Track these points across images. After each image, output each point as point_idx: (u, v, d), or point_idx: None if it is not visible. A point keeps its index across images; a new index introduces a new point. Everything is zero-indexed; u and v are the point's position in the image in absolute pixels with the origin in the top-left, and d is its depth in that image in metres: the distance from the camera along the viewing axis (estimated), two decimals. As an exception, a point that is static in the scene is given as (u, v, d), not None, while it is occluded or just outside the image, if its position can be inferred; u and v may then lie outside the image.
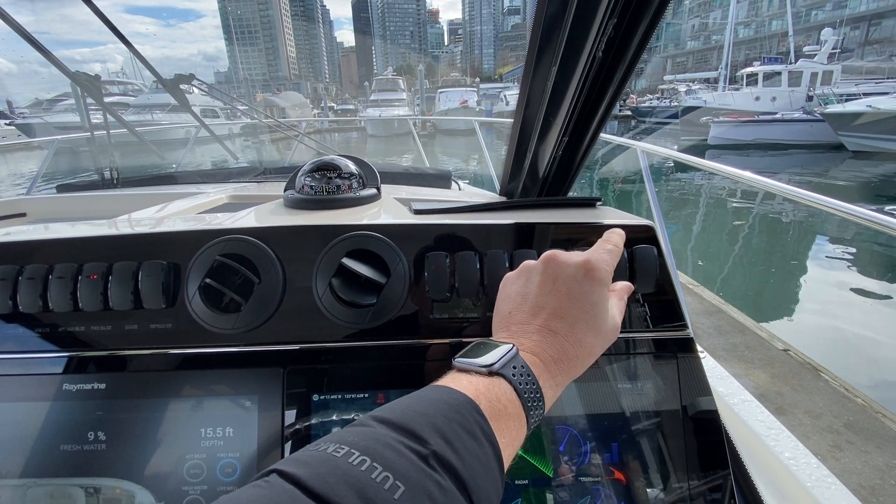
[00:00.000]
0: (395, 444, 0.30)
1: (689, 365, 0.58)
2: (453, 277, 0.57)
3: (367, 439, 0.31)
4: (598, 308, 0.45)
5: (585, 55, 0.57)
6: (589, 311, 0.45)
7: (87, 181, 1.59)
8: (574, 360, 0.43)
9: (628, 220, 0.64)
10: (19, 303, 0.56)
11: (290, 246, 0.59)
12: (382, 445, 0.30)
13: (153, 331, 0.56)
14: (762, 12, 63.47)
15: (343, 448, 0.29)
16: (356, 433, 0.32)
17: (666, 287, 0.60)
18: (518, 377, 0.39)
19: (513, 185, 0.94)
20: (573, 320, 0.44)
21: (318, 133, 15.75)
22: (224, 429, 0.53)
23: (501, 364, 0.39)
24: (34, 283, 0.56)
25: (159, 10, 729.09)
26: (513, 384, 0.38)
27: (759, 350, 3.08)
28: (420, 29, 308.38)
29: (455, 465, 0.31)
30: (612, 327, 0.46)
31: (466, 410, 0.34)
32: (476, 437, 0.33)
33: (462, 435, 0.33)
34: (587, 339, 0.44)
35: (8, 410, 0.54)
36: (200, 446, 0.53)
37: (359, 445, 0.29)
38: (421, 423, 0.32)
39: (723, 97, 23.21)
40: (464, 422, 0.33)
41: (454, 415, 0.34)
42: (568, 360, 0.43)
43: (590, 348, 0.44)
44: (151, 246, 0.59)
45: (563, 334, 0.43)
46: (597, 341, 0.45)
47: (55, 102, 29.13)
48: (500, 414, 0.36)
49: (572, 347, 0.43)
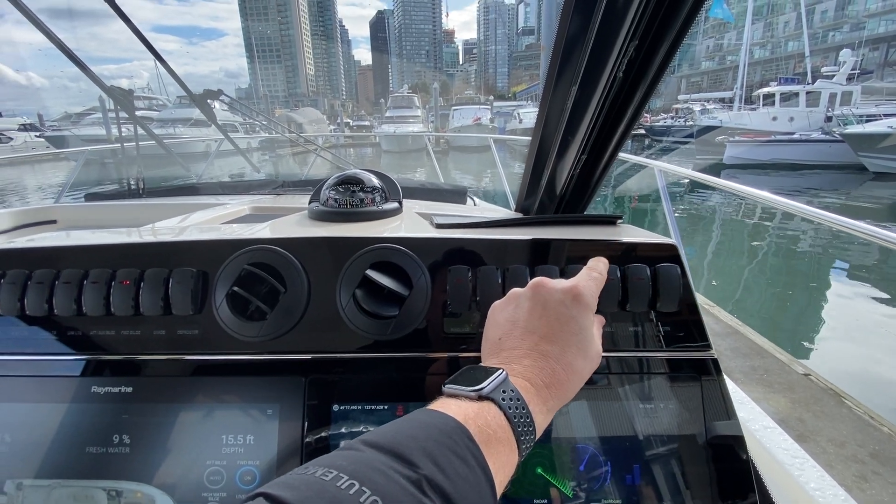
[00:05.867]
0: (384, 468, 0.30)
1: (713, 387, 0.57)
2: (474, 291, 0.58)
3: (356, 463, 0.30)
4: (587, 332, 0.46)
5: (606, 76, 0.58)
6: (578, 334, 0.46)
7: (114, 191, 1.65)
8: (565, 384, 0.43)
9: (650, 239, 0.64)
10: (55, 306, 0.58)
11: (315, 257, 0.60)
12: (372, 470, 0.29)
13: (180, 336, 0.58)
14: (778, 34, 63.44)
15: (332, 472, 0.29)
16: (345, 457, 0.31)
17: (689, 306, 0.60)
18: (508, 402, 0.38)
19: (529, 201, 0.94)
20: (564, 344, 0.45)
21: (333, 148, 16.04)
22: (245, 436, 0.54)
23: (491, 388, 0.39)
24: (69, 288, 0.58)
25: (184, 28, 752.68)
26: (503, 409, 0.38)
27: (778, 374, 2.99)
28: (435, 48, 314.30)
29: (447, 490, 0.30)
30: (596, 352, 0.47)
31: (457, 435, 0.34)
32: (467, 462, 0.33)
33: (453, 460, 0.32)
34: (577, 362, 0.45)
35: (38, 411, 0.55)
36: (221, 453, 0.53)
37: (347, 469, 0.29)
38: (411, 448, 0.32)
39: (739, 117, 23.08)
40: (454, 447, 0.33)
41: (445, 439, 0.33)
42: (559, 384, 0.43)
43: (580, 372, 0.45)
44: (181, 254, 0.61)
45: (555, 358, 0.44)
46: (586, 365, 0.46)
47: (83, 116, 30.20)
48: (491, 439, 0.36)
49: (563, 371, 0.43)
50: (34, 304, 0.58)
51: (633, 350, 0.58)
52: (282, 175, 2.06)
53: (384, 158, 23.80)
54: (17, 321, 0.59)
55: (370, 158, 23.78)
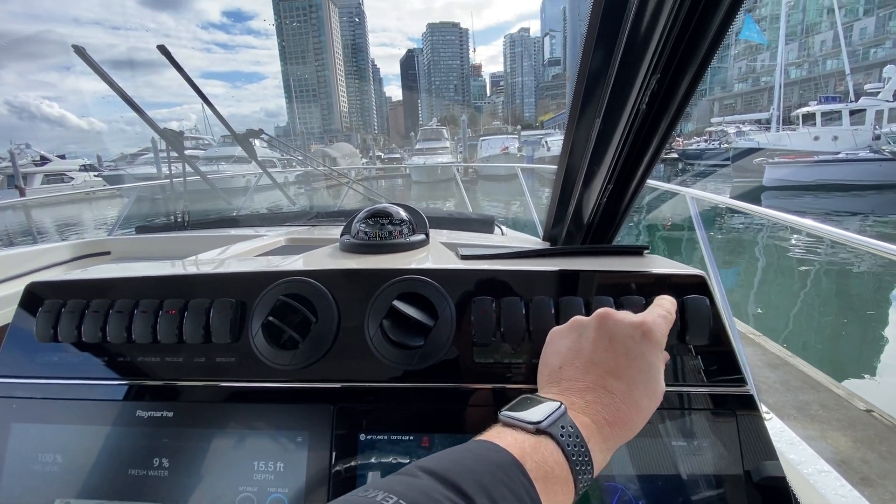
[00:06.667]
0: (441, 498, 0.30)
1: (750, 424, 0.54)
2: (499, 322, 0.58)
3: (415, 491, 0.31)
4: (655, 370, 0.45)
5: (629, 109, 0.59)
6: (646, 371, 0.44)
7: (161, 224, 1.76)
8: (629, 424, 0.42)
9: (677, 270, 0.63)
10: (108, 334, 0.62)
11: (345, 288, 0.62)
12: (430, 499, 0.30)
13: (219, 364, 0.60)
14: (814, 52, 61.84)
15: (392, 498, 0.29)
16: (404, 483, 0.32)
17: (721, 339, 0.57)
18: (566, 438, 0.37)
19: (556, 230, 0.94)
20: (631, 381, 0.43)
21: (365, 180, 16.55)
22: (275, 463, 0.55)
23: (549, 422, 0.38)
24: (122, 317, 0.62)
25: (229, 73, 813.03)
26: (560, 445, 0.37)
27: (836, 410, 2.76)
28: (463, 82, 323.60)
29: None
30: (661, 390, 0.46)
31: (512, 471, 0.34)
32: (521, 499, 0.33)
33: (507, 496, 0.32)
34: (643, 401, 0.43)
35: (87, 433, 0.58)
36: (252, 479, 0.54)
37: (406, 496, 0.30)
38: (468, 480, 0.32)
39: (777, 138, 22.34)
40: (510, 483, 0.33)
41: (500, 474, 0.33)
42: (623, 423, 0.41)
43: (645, 411, 0.43)
44: (222, 284, 0.65)
45: (621, 395, 0.42)
46: (651, 403, 0.44)
47: (136, 156, 32.59)
48: (547, 476, 0.35)
49: (629, 410, 0.42)
50: (90, 332, 0.62)
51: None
52: (316, 207, 2.15)
53: (414, 189, 24.29)
54: (72, 347, 0.64)
55: (401, 189, 24.34)
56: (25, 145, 28.57)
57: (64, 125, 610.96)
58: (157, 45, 1.33)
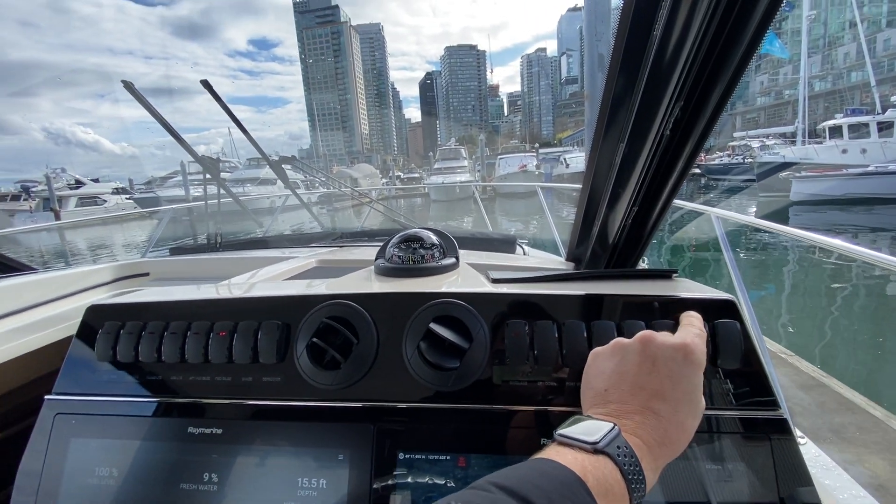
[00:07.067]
0: None
1: (784, 449, 0.54)
2: (532, 345, 0.59)
3: None
4: (698, 392, 0.46)
5: (653, 135, 0.61)
6: (691, 393, 0.46)
7: (195, 245, 1.84)
8: (675, 444, 0.43)
9: (707, 294, 0.63)
10: (163, 353, 0.66)
11: (383, 310, 0.65)
12: None
13: (265, 383, 0.63)
14: (838, 65, 60.64)
15: None
16: (480, 497, 0.34)
17: (752, 362, 0.57)
18: (623, 458, 0.39)
19: (580, 250, 0.95)
20: (676, 403, 0.45)
21: (385, 200, 16.81)
22: (318, 480, 0.57)
23: (606, 442, 0.40)
24: (176, 338, 0.66)
25: (255, 98, 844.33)
26: (618, 464, 0.39)
27: (874, 432, 2.63)
28: (481, 103, 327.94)
29: None
30: (703, 410, 0.47)
31: (576, 488, 0.36)
32: None
33: None
34: (688, 422, 0.45)
35: (141, 448, 0.62)
36: (296, 495, 0.56)
37: None
38: (538, 496, 0.34)
39: (804, 151, 21.78)
40: (575, 499, 0.35)
41: (566, 491, 0.35)
42: (670, 443, 0.43)
43: (690, 431, 0.45)
44: (268, 307, 0.68)
45: (667, 417, 0.44)
46: (695, 423, 0.46)
47: (166, 179, 33.92)
48: (607, 493, 0.37)
49: (675, 430, 0.43)
50: (146, 352, 0.66)
51: None
52: (339, 227, 2.21)
53: (433, 208, 24.51)
54: (129, 366, 0.68)
55: (420, 208, 24.59)
56: (61, 169, 30.11)
57: (98, 150, 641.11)
58: (201, 80, 1.42)
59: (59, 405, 0.66)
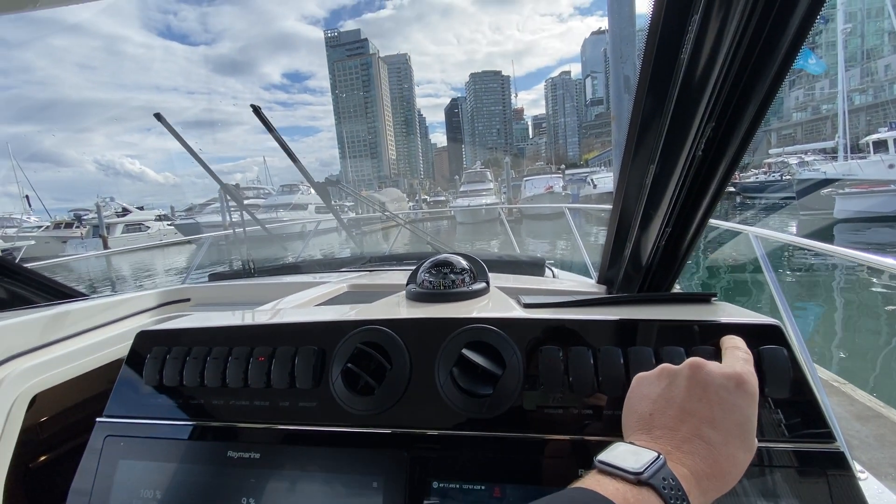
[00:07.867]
0: None
1: (843, 485, 0.50)
2: (566, 372, 0.58)
3: None
4: (751, 424, 0.43)
5: (685, 155, 0.59)
6: (743, 424, 0.43)
7: (231, 271, 1.91)
8: (726, 477, 0.40)
9: (750, 319, 0.60)
10: (205, 378, 0.67)
11: (415, 336, 0.65)
12: None
13: (301, 408, 0.64)
14: (879, 77, 58.31)
15: None
16: None
17: (804, 391, 0.54)
18: (668, 490, 0.36)
19: (612, 272, 0.93)
20: (727, 433, 0.42)
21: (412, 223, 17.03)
22: None
23: (650, 473, 0.37)
24: (218, 363, 0.68)
25: (288, 129, 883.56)
26: (664, 498, 0.36)
27: (948, 471, 2.39)
28: (506, 126, 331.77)
29: None
30: (755, 446, 0.44)
31: None
32: None
33: None
34: (740, 454, 0.42)
35: (184, 471, 0.63)
36: None
37: None
38: None
39: (847, 167, 20.80)
40: None
41: None
42: (721, 475, 0.40)
43: (741, 465, 0.42)
44: (304, 333, 0.69)
45: (717, 447, 0.41)
46: (746, 457, 0.42)
47: (205, 206, 35.68)
48: None
49: (726, 462, 0.40)
50: (190, 377, 0.68)
51: None
52: (367, 251, 2.26)
53: (459, 230, 24.63)
54: (174, 391, 0.70)
55: (446, 231, 24.78)
56: (110, 198, 32.27)
57: (143, 180, 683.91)
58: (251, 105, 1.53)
59: (109, 427, 0.68)
